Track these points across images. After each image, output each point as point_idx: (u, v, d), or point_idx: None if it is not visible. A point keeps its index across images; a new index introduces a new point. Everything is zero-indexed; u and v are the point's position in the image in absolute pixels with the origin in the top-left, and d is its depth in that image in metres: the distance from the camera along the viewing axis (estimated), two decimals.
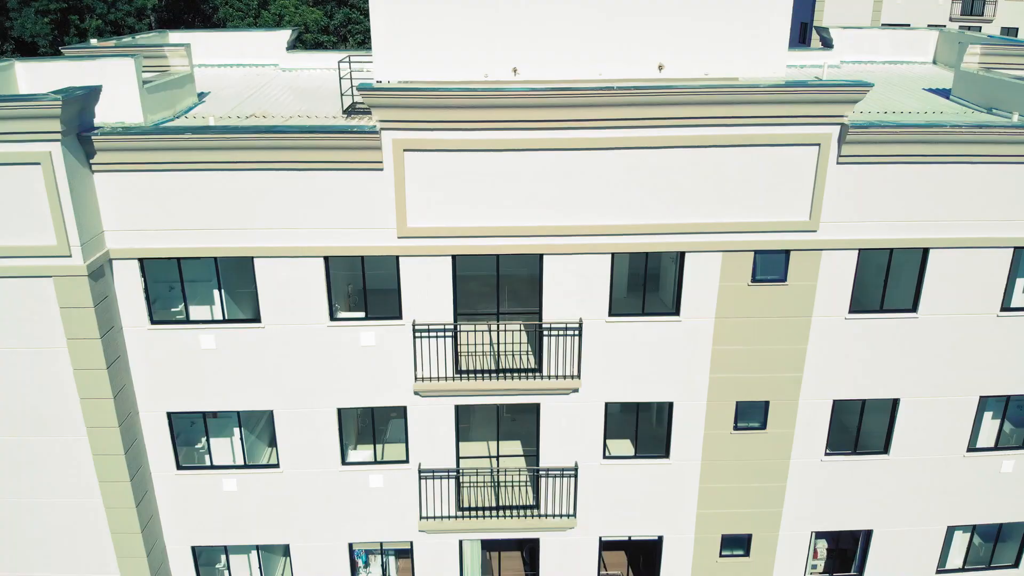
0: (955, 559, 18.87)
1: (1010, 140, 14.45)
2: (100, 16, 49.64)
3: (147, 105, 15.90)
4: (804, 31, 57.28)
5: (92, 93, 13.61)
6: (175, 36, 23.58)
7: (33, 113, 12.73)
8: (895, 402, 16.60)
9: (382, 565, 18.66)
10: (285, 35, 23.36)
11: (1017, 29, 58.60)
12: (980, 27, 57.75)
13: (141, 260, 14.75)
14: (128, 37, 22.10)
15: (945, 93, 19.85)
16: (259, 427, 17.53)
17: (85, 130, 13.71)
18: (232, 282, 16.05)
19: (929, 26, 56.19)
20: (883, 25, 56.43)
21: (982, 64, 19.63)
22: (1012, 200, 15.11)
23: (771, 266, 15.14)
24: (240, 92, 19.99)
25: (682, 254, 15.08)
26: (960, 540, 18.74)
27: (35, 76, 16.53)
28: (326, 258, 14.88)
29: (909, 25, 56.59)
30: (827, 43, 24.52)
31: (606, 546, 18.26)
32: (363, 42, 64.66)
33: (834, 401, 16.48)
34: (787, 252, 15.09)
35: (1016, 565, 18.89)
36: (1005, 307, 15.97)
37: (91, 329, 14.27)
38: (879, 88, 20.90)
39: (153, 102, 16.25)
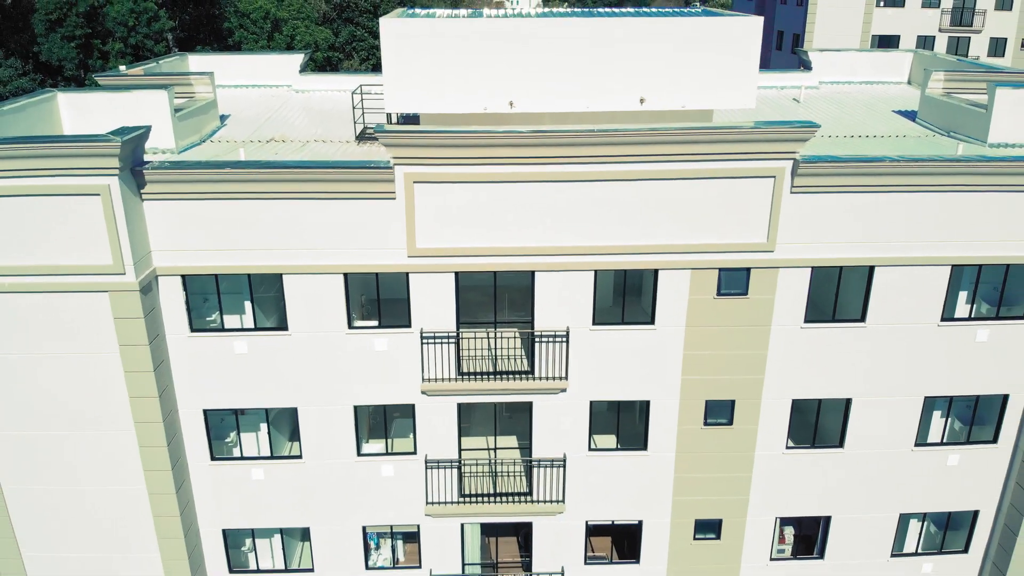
0: (910, 544, 20.41)
1: (943, 172, 16.09)
2: (121, 39, 51.45)
3: (178, 132, 17.77)
4: (796, 43, 58.81)
5: (145, 133, 15.42)
6: (194, 59, 24.98)
7: (96, 152, 14.55)
8: (848, 401, 18.23)
9: (392, 547, 20.33)
10: (298, 58, 24.95)
11: (1006, 39, 59.74)
12: (969, 37, 58.69)
13: (183, 276, 16.52)
14: (152, 62, 23.41)
15: (913, 115, 21.36)
16: (281, 421, 19.17)
17: (137, 164, 15.52)
18: (259, 289, 17.58)
19: (919, 37, 57.82)
20: (873, 36, 57.71)
21: (946, 89, 20.98)
22: (949, 223, 16.69)
23: (734, 282, 16.88)
24: (258, 115, 21.77)
25: (656, 271, 16.82)
26: (915, 527, 20.22)
27: (75, 106, 18.32)
28: (345, 275, 16.61)
29: (899, 36, 57.89)
30: (807, 66, 26.31)
31: (593, 531, 19.87)
32: (367, 58, 66.63)
33: (793, 400, 18.10)
34: (748, 269, 16.80)
35: (966, 550, 20.40)
36: (946, 318, 17.59)
37: (140, 337, 16.09)
38: (850, 110, 22.57)
39: (183, 128, 18.06)
